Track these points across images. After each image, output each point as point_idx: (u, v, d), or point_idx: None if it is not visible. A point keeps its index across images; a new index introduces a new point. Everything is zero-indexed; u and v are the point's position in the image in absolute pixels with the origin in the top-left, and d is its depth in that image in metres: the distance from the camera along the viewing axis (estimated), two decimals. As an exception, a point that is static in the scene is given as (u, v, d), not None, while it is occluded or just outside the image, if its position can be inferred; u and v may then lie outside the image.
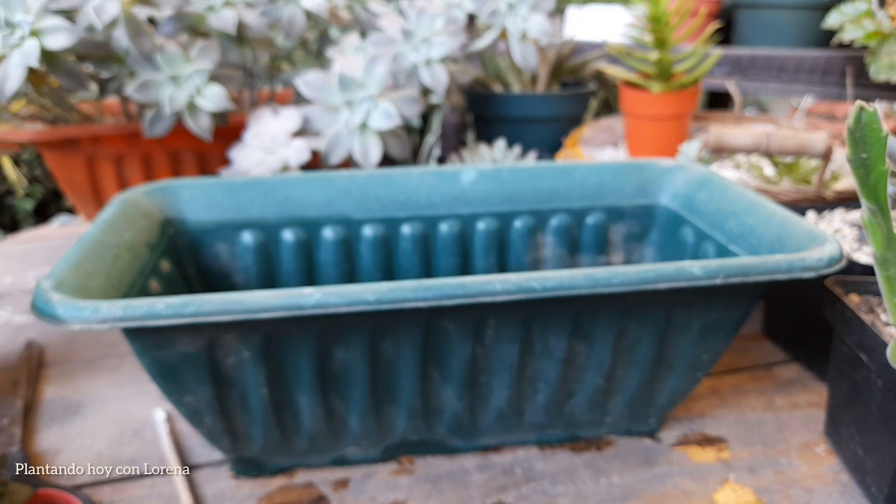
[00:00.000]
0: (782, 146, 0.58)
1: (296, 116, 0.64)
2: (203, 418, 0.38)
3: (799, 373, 0.54)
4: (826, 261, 0.37)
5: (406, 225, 0.52)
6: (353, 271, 0.52)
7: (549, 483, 0.42)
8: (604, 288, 0.35)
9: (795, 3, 1.04)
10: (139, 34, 0.59)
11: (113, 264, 0.39)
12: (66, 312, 0.32)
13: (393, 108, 0.61)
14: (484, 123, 0.89)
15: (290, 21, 0.70)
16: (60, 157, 0.69)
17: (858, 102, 0.31)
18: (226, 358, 0.36)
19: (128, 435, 0.47)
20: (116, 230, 0.42)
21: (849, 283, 0.43)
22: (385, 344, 0.37)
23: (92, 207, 0.72)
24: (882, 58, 0.71)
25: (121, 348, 0.59)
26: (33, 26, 0.53)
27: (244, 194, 0.50)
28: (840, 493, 0.41)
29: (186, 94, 0.61)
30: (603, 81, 0.97)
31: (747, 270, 0.36)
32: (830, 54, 1.01)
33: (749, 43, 1.11)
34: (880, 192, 0.31)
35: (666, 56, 0.75)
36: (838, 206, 0.57)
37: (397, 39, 0.68)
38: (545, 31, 0.74)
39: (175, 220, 0.48)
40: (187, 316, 0.32)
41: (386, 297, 0.33)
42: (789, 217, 0.43)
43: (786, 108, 1.16)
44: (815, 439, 0.46)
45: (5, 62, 0.53)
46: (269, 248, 0.50)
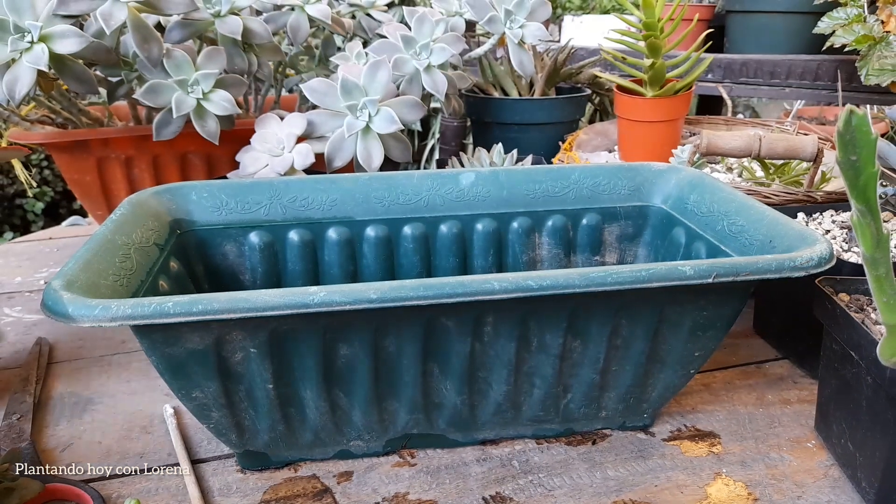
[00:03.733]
0: (773, 149, 0.59)
1: (301, 121, 0.65)
2: (210, 413, 0.39)
3: (789, 370, 0.55)
4: (816, 260, 0.38)
5: (407, 226, 0.53)
6: (356, 271, 0.53)
7: (546, 476, 0.43)
8: (598, 287, 0.36)
9: (787, 9, 1.05)
10: (147, 40, 0.60)
11: (123, 264, 0.40)
12: (76, 310, 0.32)
13: (394, 113, 0.63)
14: (483, 128, 0.90)
15: (295, 28, 0.71)
16: (70, 159, 0.70)
17: (848, 106, 0.31)
18: (233, 354, 0.37)
19: (136, 430, 0.48)
20: (126, 230, 0.43)
21: (839, 283, 0.44)
22: (387, 340, 0.38)
23: (101, 209, 0.73)
24: (872, 62, 0.72)
25: (129, 346, 0.60)
26: (42, 31, 0.54)
27: (251, 196, 0.51)
28: (831, 487, 0.42)
29: (194, 98, 0.62)
30: (598, 87, 0.99)
31: (738, 270, 0.37)
32: (821, 59, 1.03)
33: (741, 48, 1.12)
34: (870, 193, 0.32)
35: (659, 62, 0.77)
36: (828, 207, 0.58)
37: (399, 46, 0.69)
38: (542, 37, 0.75)
39: (183, 221, 0.49)
40: (196, 314, 0.33)
41: (388, 296, 0.34)
42: (780, 218, 0.44)
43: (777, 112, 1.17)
44: (806, 435, 0.47)
45: (15, 66, 0.54)
46: (276, 248, 0.51)
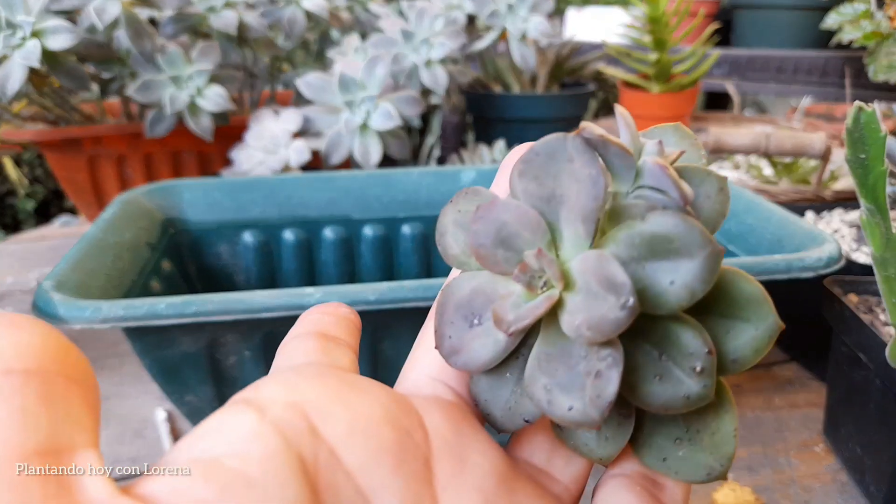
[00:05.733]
0: (781, 147, 0.59)
1: (297, 117, 0.64)
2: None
3: (797, 372, 0.54)
4: (825, 261, 0.37)
5: (406, 225, 0.52)
6: (353, 271, 0.52)
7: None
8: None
9: (794, 4, 1.04)
10: (140, 35, 0.59)
11: (114, 264, 0.39)
12: (67, 312, 0.32)
13: (393, 109, 0.62)
14: (484, 124, 0.89)
15: (291, 22, 0.70)
16: (62, 157, 0.69)
17: (857, 103, 0.31)
18: (227, 357, 0.36)
19: (129, 434, 0.47)
20: (118, 230, 0.42)
21: (847, 283, 0.43)
22: (385, 343, 0.37)
23: (93, 207, 0.72)
24: (881, 58, 0.71)
25: (121, 348, 0.59)
26: (35, 27, 0.53)
27: (245, 194, 0.50)
28: (839, 491, 0.41)
29: (187, 94, 0.61)
30: (602, 82, 0.98)
31: (746, 270, 0.36)
32: (829, 55, 1.02)
33: (748, 44, 1.11)
34: (879, 192, 0.31)
35: (665, 57, 0.76)
36: (837, 206, 0.58)
37: (397, 40, 0.68)
38: (544, 31, 0.74)
39: (176, 220, 0.48)
40: (189, 315, 0.32)
41: (386, 297, 0.33)
42: (788, 217, 0.43)
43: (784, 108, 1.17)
44: (814, 438, 0.46)
45: (7, 63, 0.53)
46: (271, 247, 0.50)
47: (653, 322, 0.16)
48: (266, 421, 0.14)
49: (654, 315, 0.15)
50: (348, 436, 0.14)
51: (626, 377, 0.15)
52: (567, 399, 0.15)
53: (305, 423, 0.14)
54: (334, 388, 0.15)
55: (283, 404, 0.14)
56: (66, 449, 0.11)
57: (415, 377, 0.19)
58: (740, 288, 0.17)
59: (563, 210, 0.16)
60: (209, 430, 0.14)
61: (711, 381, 0.16)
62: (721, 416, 0.17)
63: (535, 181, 0.16)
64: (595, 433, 0.17)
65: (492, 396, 0.18)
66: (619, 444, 0.17)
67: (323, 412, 0.15)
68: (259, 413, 0.14)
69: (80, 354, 0.13)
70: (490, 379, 0.18)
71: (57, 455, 0.11)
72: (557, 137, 0.16)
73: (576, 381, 0.15)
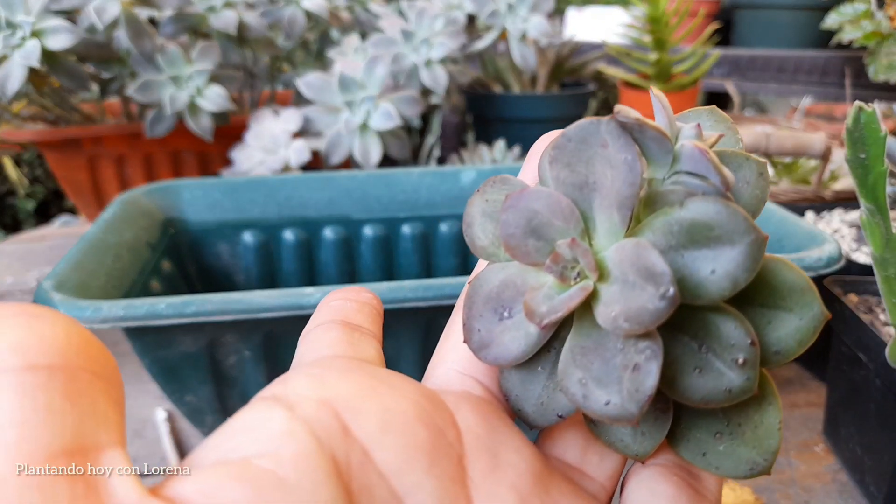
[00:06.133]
0: (781, 146, 0.59)
1: (296, 117, 0.64)
2: (204, 417, 0.38)
3: (797, 372, 0.54)
4: (825, 260, 0.37)
5: (406, 225, 0.52)
6: (353, 271, 0.52)
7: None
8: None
9: (794, 4, 1.04)
10: (140, 35, 0.59)
11: (114, 264, 0.39)
12: (67, 312, 0.32)
13: (393, 109, 0.62)
14: (484, 124, 0.89)
15: (291, 22, 0.70)
16: (62, 157, 0.69)
17: (857, 103, 0.31)
18: (227, 357, 0.36)
19: (129, 434, 0.47)
20: (117, 230, 0.42)
21: (847, 283, 0.43)
22: (385, 343, 0.37)
23: (93, 207, 0.72)
24: (881, 58, 0.71)
25: (121, 348, 0.59)
26: (34, 27, 0.53)
27: (245, 194, 0.50)
28: (839, 492, 0.41)
29: (187, 94, 0.61)
30: (602, 82, 0.98)
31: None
32: (829, 55, 1.02)
33: (748, 43, 1.11)
34: (879, 191, 0.31)
35: (665, 57, 0.76)
36: (837, 206, 0.58)
37: (397, 40, 0.68)
38: (544, 31, 0.74)
39: (176, 220, 0.48)
40: (189, 315, 0.32)
41: (386, 297, 0.33)
42: (788, 217, 0.43)
43: (785, 108, 1.17)
44: (814, 438, 0.46)
45: (7, 63, 0.53)
46: (270, 247, 0.50)
47: (692, 312, 0.15)
48: (297, 419, 0.13)
49: (692, 305, 0.15)
50: (381, 435, 0.14)
51: (664, 370, 0.14)
52: (604, 393, 0.15)
53: (337, 422, 0.13)
54: (364, 383, 0.15)
55: (314, 401, 0.14)
56: (93, 448, 0.11)
57: (443, 372, 0.18)
58: (783, 276, 0.16)
59: (596, 197, 0.15)
60: (238, 428, 0.13)
61: (755, 373, 0.15)
62: (764, 409, 0.16)
63: (567, 168, 0.16)
64: (631, 428, 0.17)
65: (523, 392, 0.17)
66: (656, 439, 0.16)
67: (354, 410, 0.14)
68: (289, 411, 0.13)
69: (104, 348, 0.12)
70: (521, 374, 0.17)
71: (84, 454, 0.11)
72: (591, 121, 0.15)
73: (612, 375, 0.15)
